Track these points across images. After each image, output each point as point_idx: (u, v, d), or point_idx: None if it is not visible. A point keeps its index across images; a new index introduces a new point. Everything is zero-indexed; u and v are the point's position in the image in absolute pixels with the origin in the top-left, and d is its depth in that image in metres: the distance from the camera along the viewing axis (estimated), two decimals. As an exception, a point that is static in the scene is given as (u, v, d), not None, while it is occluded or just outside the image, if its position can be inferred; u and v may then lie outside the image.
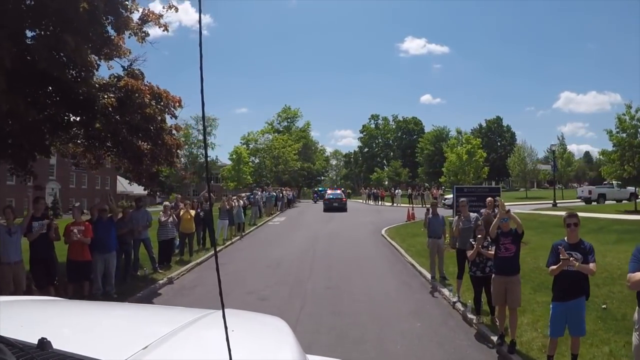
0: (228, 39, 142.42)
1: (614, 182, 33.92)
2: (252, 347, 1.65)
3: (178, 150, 10.90)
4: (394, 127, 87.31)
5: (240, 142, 45.36)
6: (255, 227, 21.62)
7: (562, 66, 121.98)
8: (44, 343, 1.14)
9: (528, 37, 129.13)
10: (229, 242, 16.05)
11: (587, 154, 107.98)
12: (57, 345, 1.16)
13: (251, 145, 45.18)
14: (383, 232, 19.09)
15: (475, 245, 6.74)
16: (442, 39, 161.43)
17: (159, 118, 10.33)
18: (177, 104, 10.17)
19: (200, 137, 59.47)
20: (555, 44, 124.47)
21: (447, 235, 10.38)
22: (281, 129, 58.87)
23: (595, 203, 33.21)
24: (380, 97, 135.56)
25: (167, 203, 12.26)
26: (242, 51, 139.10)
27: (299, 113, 62.00)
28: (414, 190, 42.48)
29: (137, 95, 9.88)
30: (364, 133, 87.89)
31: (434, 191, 38.19)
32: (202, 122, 35.96)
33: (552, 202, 31.41)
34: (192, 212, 12.80)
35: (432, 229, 9.77)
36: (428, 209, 9.94)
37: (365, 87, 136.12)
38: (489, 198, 10.31)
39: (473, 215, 8.08)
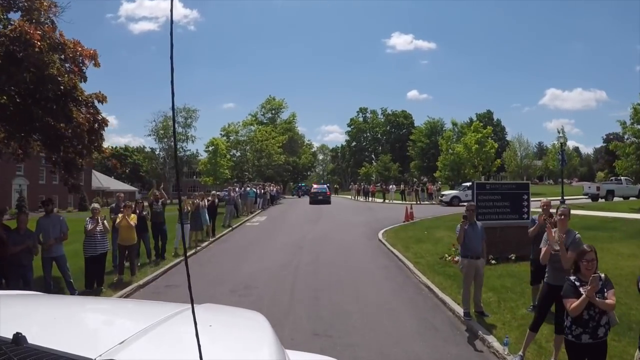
0: (215, 34, 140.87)
1: (622, 177, 31.92)
2: (230, 342, 1.65)
3: (102, 131, 7.63)
4: (382, 120, 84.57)
5: (220, 134, 41.74)
6: (229, 229, 18.39)
7: (548, 63, 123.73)
8: (19, 338, 1.10)
9: (514, 34, 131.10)
10: (191, 252, 12.82)
11: (576, 149, 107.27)
12: (32, 340, 1.12)
13: (232, 137, 41.59)
14: (380, 236, 16.07)
15: (586, 291, 3.71)
16: (429, 36, 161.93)
17: (70, 83, 7.06)
18: (91, 60, 6.89)
19: (180, 129, 56.00)
20: (541, 41, 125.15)
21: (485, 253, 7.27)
22: (265, 121, 55.32)
23: (602, 200, 30.95)
24: (367, 93, 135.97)
25: (95, 205, 8.94)
26: (229, 46, 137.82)
27: (284, 104, 58.46)
28: (407, 186, 39.59)
29: (37, 50, 6.62)
30: (352, 126, 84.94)
31: (430, 186, 35.36)
32: (182, 114, 32.89)
33: (558, 198, 28.89)
34: (133, 218, 9.53)
35: (470, 244, 6.72)
36: (465, 217, 6.82)
37: (352, 82, 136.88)
38: (544, 199, 7.39)
39: (576, 234, 5.03)
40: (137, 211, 10.21)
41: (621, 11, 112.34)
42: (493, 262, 10.86)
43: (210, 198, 15.56)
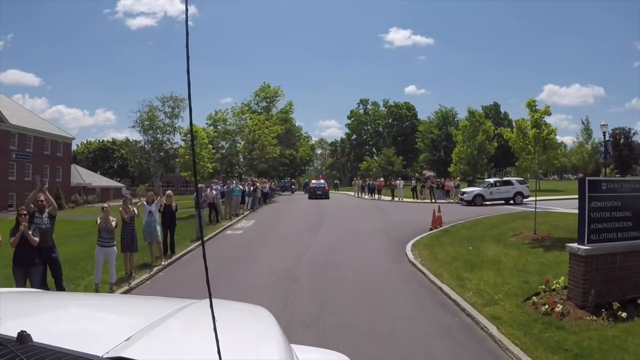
0: (213, 29, 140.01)
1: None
2: (236, 338, 1.60)
3: None
4: (384, 112, 79.96)
5: (206, 123, 36.81)
6: (199, 243, 13.65)
7: (546, 59, 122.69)
8: (23, 336, 1.08)
9: (512, 29, 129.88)
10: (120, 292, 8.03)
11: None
12: (37, 338, 1.09)
13: (219, 126, 36.68)
14: (410, 254, 11.32)
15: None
16: (427, 31, 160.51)
17: None
18: None
19: (167, 120, 51.32)
20: (539, 37, 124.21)
21: None
22: (259, 110, 50.29)
23: None
24: (365, 88, 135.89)
25: None
26: (226, 41, 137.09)
27: (280, 92, 53.26)
28: (419, 182, 34.86)
29: None
30: (352, 119, 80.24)
31: (447, 183, 30.64)
32: (169, 103, 27.78)
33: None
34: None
35: None
36: None
37: (349, 77, 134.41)
38: None
39: None
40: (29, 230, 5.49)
41: (619, 7, 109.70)
42: (622, 314, 6.22)
43: (164, 200, 10.73)
